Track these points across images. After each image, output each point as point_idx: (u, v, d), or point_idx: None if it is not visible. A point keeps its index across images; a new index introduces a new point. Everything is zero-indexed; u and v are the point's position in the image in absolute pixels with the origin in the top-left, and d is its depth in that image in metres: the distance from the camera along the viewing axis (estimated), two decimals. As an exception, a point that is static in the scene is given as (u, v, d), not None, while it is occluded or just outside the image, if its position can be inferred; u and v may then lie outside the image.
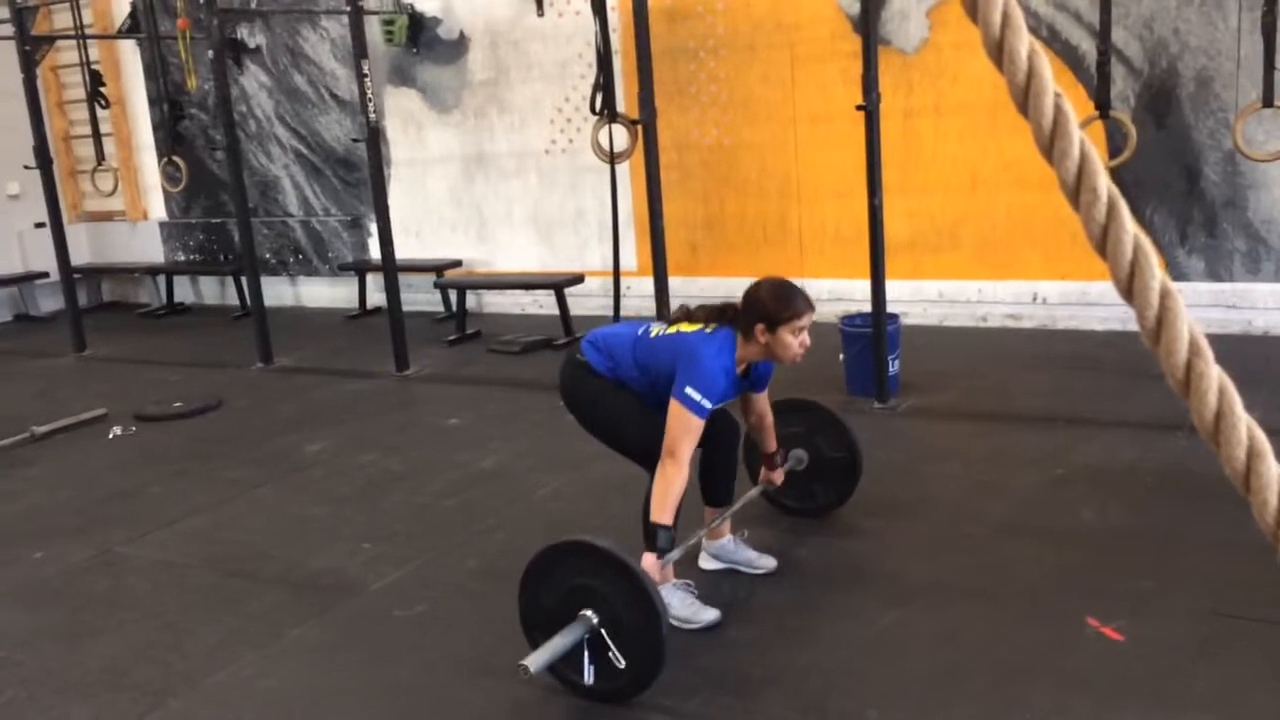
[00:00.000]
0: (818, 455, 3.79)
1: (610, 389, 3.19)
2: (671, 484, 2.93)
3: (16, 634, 3.48)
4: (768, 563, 3.48)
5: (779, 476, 3.65)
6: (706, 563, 3.51)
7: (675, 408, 2.96)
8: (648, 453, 3.07)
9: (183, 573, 3.87)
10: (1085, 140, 0.82)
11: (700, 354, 3.02)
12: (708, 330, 3.12)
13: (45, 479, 5.08)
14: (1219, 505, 3.57)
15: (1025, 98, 0.81)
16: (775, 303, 3.06)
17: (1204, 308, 5.76)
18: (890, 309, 5.19)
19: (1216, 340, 0.83)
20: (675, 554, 3.08)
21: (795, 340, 3.07)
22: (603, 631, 2.68)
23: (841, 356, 5.34)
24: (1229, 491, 0.87)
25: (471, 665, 3.07)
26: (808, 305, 3.10)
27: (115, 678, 3.14)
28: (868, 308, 5.19)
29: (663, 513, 2.93)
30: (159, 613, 3.56)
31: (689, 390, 2.96)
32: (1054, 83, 0.82)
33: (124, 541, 4.19)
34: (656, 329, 3.23)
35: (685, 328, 3.15)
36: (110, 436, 5.69)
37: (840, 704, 2.71)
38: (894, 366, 5.22)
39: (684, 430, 2.95)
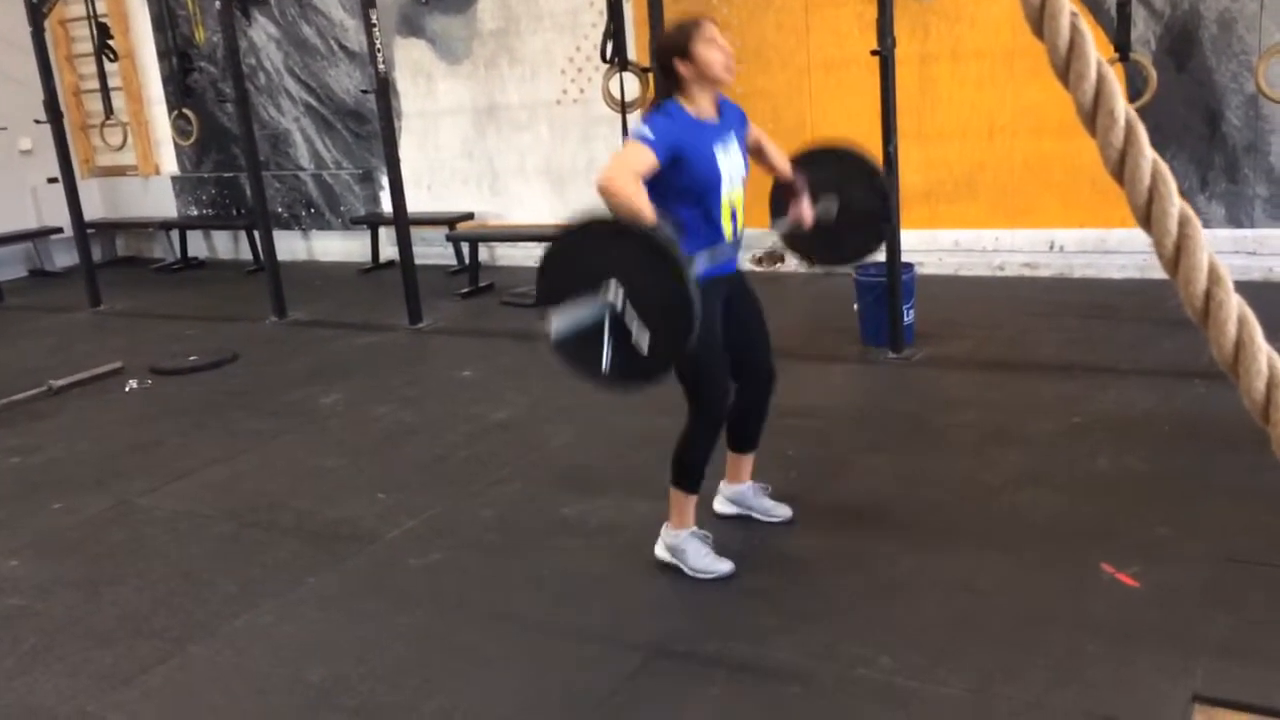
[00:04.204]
0: (847, 203, 3.54)
1: None
2: (621, 190, 2.72)
3: (37, 583, 3.52)
4: (783, 511, 3.48)
5: (807, 212, 3.40)
6: (722, 506, 3.50)
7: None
8: (701, 378, 3.01)
9: (200, 523, 3.90)
10: (1103, 62, 0.79)
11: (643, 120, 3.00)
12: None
13: (63, 432, 5.12)
14: (1236, 453, 3.55)
15: (1040, 18, 0.79)
16: (675, 33, 3.00)
17: (1225, 254, 5.61)
18: (905, 258, 5.14)
19: (1237, 287, 0.81)
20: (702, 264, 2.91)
21: (718, 51, 2.97)
22: (626, 303, 2.55)
23: (856, 306, 5.30)
24: (1246, 439, 0.86)
25: (486, 612, 3.09)
26: (703, 18, 3.02)
27: (135, 625, 3.18)
28: (882, 257, 5.13)
29: (637, 207, 2.71)
30: (177, 562, 3.60)
31: (635, 128, 2.92)
32: (1071, 3, 0.79)
33: (142, 492, 4.23)
34: None
35: None
36: (127, 390, 5.72)
37: (853, 650, 2.71)
38: (909, 316, 5.18)
39: (625, 154, 2.85)
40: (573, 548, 3.45)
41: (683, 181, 2.93)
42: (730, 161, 3.05)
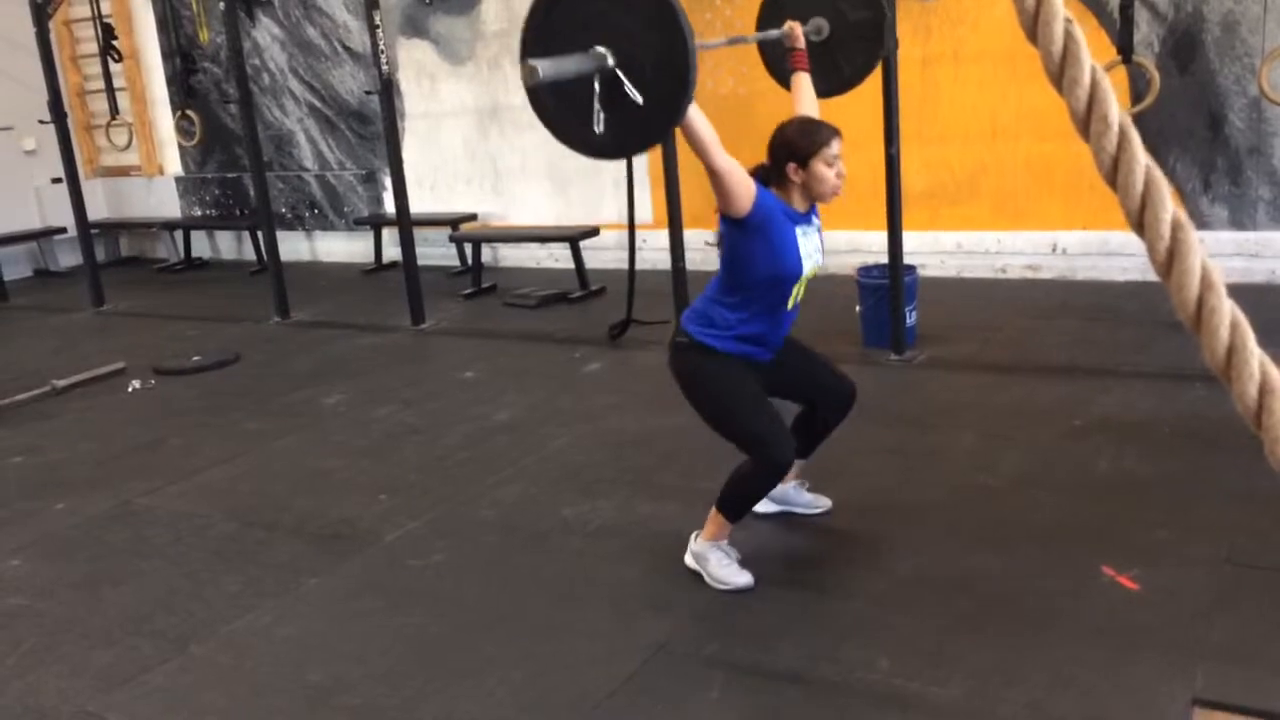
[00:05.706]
0: (838, 20, 3.48)
1: (716, 374, 3.04)
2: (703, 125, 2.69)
3: (38, 584, 3.53)
4: (824, 503, 3.50)
5: (798, 29, 3.47)
6: (762, 505, 3.42)
7: None
8: (752, 441, 3.00)
9: (202, 523, 3.91)
10: (1096, 68, 0.79)
11: None
12: None
13: (65, 432, 5.13)
14: (1236, 456, 3.55)
15: (1034, 24, 0.79)
16: (801, 137, 2.96)
17: (1227, 257, 5.68)
18: (907, 260, 5.15)
19: (1239, 290, 0.82)
20: None
21: (831, 171, 2.95)
22: (618, 71, 2.43)
23: (858, 308, 5.30)
24: (1246, 442, 0.86)
25: (487, 613, 3.09)
26: (834, 131, 2.98)
27: (136, 625, 3.19)
28: (884, 259, 5.14)
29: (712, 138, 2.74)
30: (179, 562, 3.60)
31: None
32: (1065, 8, 0.79)
33: (144, 493, 4.24)
34: None
35: None
36: (129, 390, 5.73)
37: (854, 653, 2.71)
38: (911, 318, 5.18)
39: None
40: (573, 549, 3.45)
41: (760, 256, 2.93)
42: (809, 245, 3.04)
